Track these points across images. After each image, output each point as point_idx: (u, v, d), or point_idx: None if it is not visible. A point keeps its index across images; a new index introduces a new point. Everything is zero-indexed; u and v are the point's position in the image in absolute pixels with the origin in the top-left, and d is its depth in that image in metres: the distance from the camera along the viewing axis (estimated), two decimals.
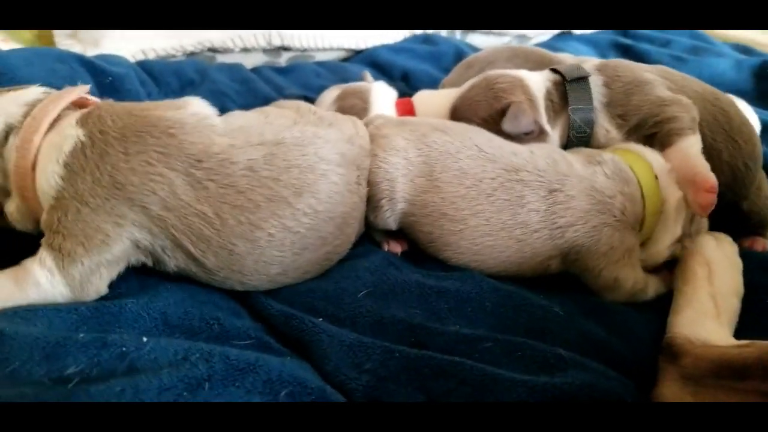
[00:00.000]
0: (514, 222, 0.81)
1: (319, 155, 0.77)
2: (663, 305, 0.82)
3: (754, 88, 1.65)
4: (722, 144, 0.93)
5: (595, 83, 0.93)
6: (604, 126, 0.92)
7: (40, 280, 0.67)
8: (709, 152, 0.91)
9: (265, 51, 1.50)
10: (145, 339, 0.60)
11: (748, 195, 0.96)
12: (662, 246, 0.86)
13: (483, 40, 1.79)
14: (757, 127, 1.18)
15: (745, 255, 0.89)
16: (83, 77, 1.04)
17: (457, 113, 0.97)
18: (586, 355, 0.70)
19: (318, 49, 1.54)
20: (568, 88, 0.92)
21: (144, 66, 1.26)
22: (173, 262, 0.72)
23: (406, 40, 1.65)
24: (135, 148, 0.69)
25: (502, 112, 0.91)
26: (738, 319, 0.81)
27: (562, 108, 0.93)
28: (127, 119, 0.71)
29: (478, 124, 0.93)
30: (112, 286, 0.71)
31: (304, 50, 1.52)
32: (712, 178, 0.83)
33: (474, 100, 0.95)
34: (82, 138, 0.69)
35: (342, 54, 1.60)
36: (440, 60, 1.54)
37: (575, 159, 0.86)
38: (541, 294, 0.80)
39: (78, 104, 0.76)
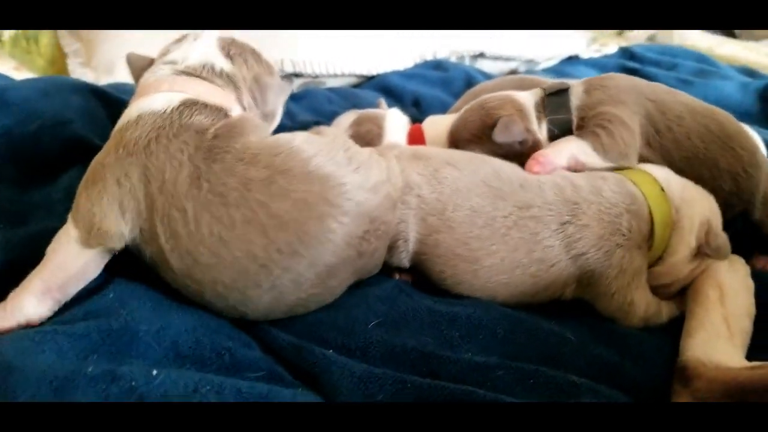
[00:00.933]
0: (530, 260, 0.81)
1: (325, 196, 0.73)
2: (675, 328, 0.82)
3: (760, 110, 1.66)
4: (717, 152, 0.94)
5: (577, 92, 0.97)
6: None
7: (63, 227, 0.72)
8: (704, 162, 0.93)
9: None
10: (155, 372, 0.60)
11: (756, 202, 0.96)
12: (679, 257, 0.85)
13: (492, 65, 1.81)
14: (762, 150, 1.18)
15: (756, 275, 0.88)
16: (96, 109, 1.06)
17: (453, 136, 1.00)
18: (598, 380, 0.69)
19: (329, 75, 1.55)
20: (546, 101, 0.96)
21: None
22: (148, 250, 0.72)
23: (416, 66, 1.67)
24: (184, 137, 0.73)
25: (494, 126, 0.94)
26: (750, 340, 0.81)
27: (544, 118, 0.96)
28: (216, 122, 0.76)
29: (473, 142, 0.95)
30: (124, 303, 0.69)
31: (316, 77, 1.53)
32: (547, 157, 0.88)
33: (468, 120, 0.98)
34: (169, 108, 0.75)
35: (353, 80, 1.61)
36: (451, 85, 1.55)
37: (581, 179, 0.86)
38: (552, 319, 0.79)
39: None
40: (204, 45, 0.86)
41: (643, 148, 0.93)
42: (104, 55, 1.34)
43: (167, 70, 0.82)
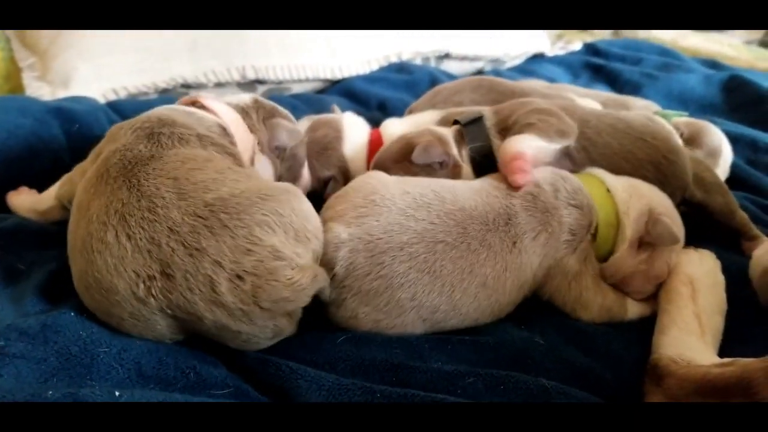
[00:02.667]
0: (517, 289, 0.80)
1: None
2: (644, 326, 0.82)
3: (724, 101, 1.68)
4: (631, 145, 0.96)
5: (488, 116, 0.98)
6: (498, 143, 0.94)
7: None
8: (621, 155, 0.96)
9: (239, 85, 1.48)
10: (117, 393, 0.58)
11: (689, 186, 0.99)
12: (620, 252, 0.85)
13: (457, 66, 1.80)
14: (726, 146, 1.21)
15: (727, 270, 0.89)
16: (49, 127, 1.04)
17: (375, 166, 0.99)
18: (568, 382, 0.69)
19: (293, 81, 1.53)
20: (464, 130, 0.96)
21: (115, 107, 1.23)
22: None
23: (381, 70, 1.66)
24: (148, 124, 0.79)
25: (413, 151, 0.94)
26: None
27: (465, 147, 0.96)
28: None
29: (394, 169, 0.94)
30: (84, 323, 0.67)
31: (280, 82, 1.52)
32: (517, 152, 0.85)
33: (389, 151, 0.98)
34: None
35: (318, 85, 1.60)
36: (415, 88, 1.54)
37: (545, 183, 0.85)
38: (521, 323, 0.80)
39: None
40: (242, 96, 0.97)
41: None
42: (60, 68, 1.31)
43: None
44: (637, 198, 0.87)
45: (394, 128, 1.10)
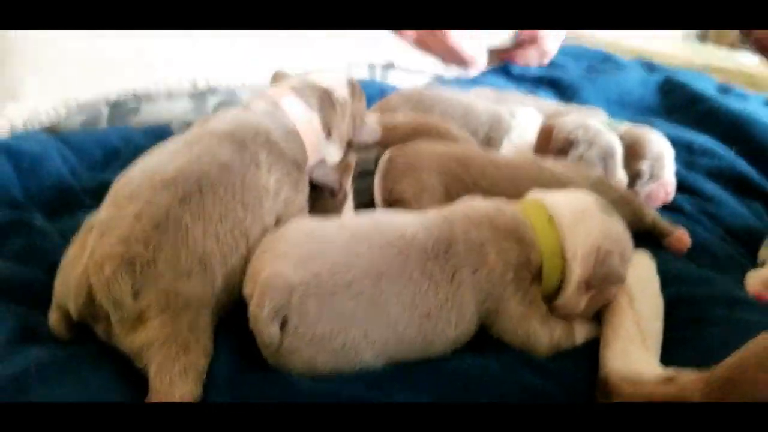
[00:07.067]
0: (466, 321, 0.78)
1: None
2: (592, 342, 0.83)
3: (660, 103, 1.74)
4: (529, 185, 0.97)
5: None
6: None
7: None
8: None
9: (191, 96, 1.45)
10: None
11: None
12: (570, 290, 0.81)
13: (403, 77, 1.82)
14: (668, 149, 1.24)
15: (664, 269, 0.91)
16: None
17: None
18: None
19: (246, 87, 1.50)
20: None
21: (63, 138, 1.21)
22: None
23: None
24: None
25: None
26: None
27: None
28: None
29: None
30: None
31: (233, 92, 1.50)
32: None
33: None
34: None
35: None
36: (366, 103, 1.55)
37: (480, 214, 0.82)
38: (478, 348, 0.80)
39: None
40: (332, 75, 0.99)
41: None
42: (7, 84, 1.26)
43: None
44: (585, 231, 0.81)
45: None
